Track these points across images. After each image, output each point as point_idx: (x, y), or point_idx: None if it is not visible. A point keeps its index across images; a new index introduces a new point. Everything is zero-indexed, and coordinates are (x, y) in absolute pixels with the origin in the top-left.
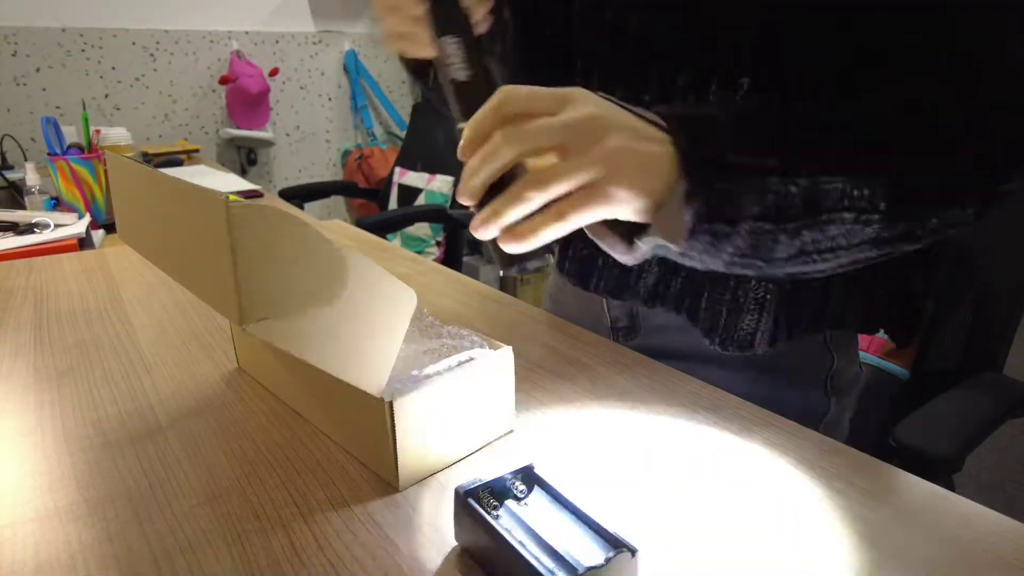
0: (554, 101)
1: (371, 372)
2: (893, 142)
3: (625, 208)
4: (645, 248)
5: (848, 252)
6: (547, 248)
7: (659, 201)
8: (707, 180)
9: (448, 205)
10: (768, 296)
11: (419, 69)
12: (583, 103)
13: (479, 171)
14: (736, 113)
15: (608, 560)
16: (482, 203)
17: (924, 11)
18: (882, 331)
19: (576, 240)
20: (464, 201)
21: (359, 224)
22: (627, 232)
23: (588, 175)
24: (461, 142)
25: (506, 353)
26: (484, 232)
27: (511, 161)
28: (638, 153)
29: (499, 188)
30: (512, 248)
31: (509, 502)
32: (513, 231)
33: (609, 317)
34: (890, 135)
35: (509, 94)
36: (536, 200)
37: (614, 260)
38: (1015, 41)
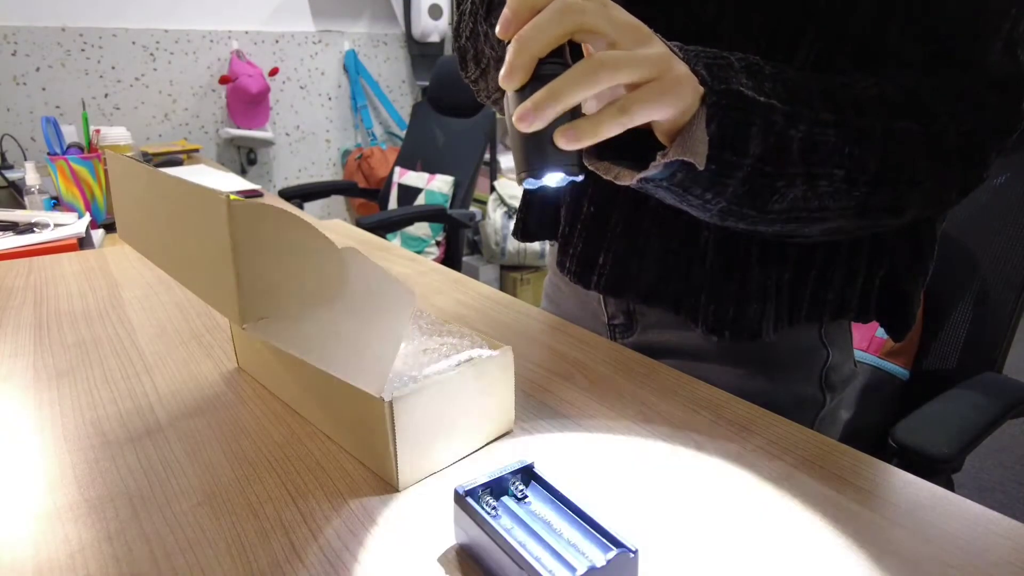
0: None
1: (371, 372)
2: (885, 113)
3: (678, 108)
4: (656, 172)
5: (834, 216)
6: (573, 159)
7: (683, 120)
8: (722, 109)
9: (447, 205)
10: (769, 283)
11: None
12: (625, 12)
13: (532, 40)
14: (746, 60)
15: (608, 560)
16: (523, 90)
17: (905, 9)
18: (879, 328)
19: (576, 239)
20: (509, 81)
21: (359, 224)
22: (633, 161)
23: (652, 69)
24: (504, 14)
25: (506, 353)
26: (536, 120)
27: (568, 33)
28: (680, 63)
29: (536, 84)
30: (566, 144)
31: (509, 502)
32: (571, 127)
33: (606, 314)
34: (883, 107)
35: None
36: (604, 81)
37: (614, 258)
38: (992, 41)
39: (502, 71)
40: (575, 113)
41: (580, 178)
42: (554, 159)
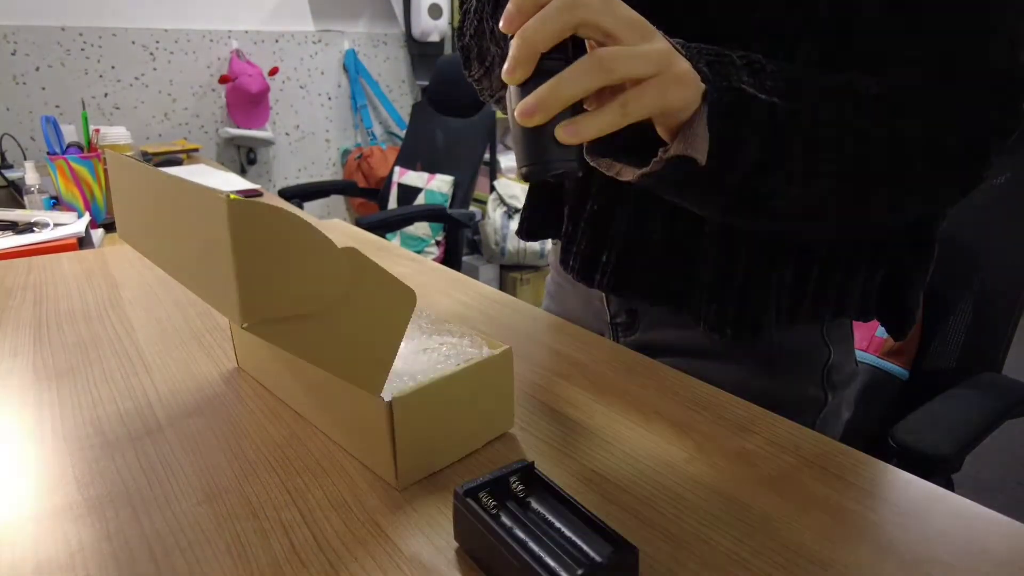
0: None
1: (371, 372)
2: (886, 112)
3: (680, 104)
4: (657, 169)
5: (834, 214)
6: (574, 154)
7: (685, 117)
8: (723, 106)
9: (447, 205)
10: (771, 281)
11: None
12: (629, 8)
13: (536, 34)
14: (748, 57)
15: (608, 560)
16: (525, 85)
17: (907, 9)
18: (880, 328)
19: (579, 237)
20: (512, 76)
21: (359, 223)
22: (635, 157)
23: (653, 65)
24: (508, 10)
25: (506, 353)
26: (537, 114)
27: (572, 28)
28: (682, 60)
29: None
30: (567, 139)
31: (509, 502)
32: (572, 122)
33: (609, 312)
34: (884, 106)
35: None
36: (605, 77)
37: (617, 257)
38: (993, 41)
39: (505, 66)
40: (577, 108)
41: (580, 173)
42: (555, 154)
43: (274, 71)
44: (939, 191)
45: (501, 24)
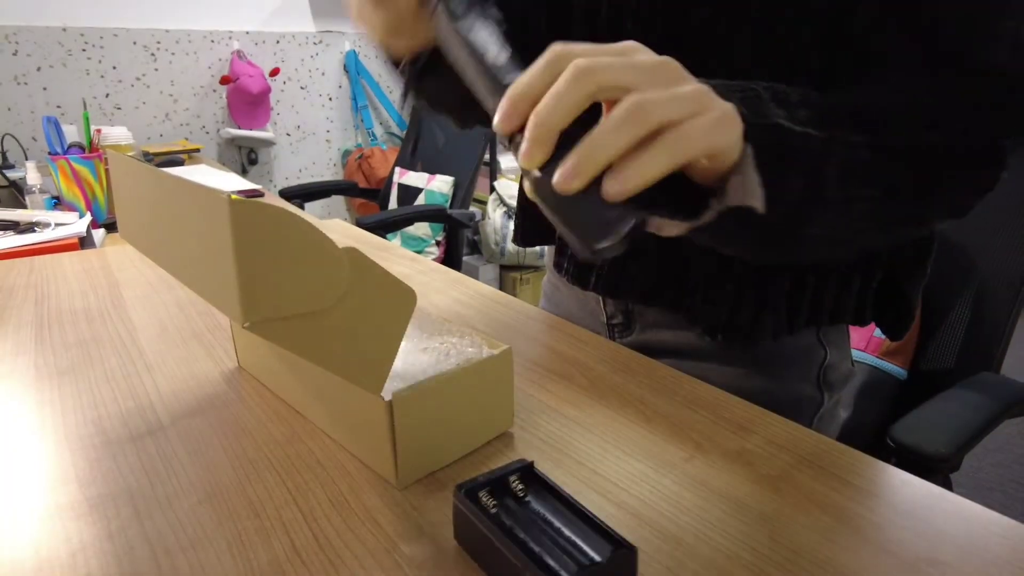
0: (615, 51)
1: (371, 371)
2: (910, 126)
3: (726, 143)
4: (710, 217)
5: (864, 236)
6: (630, 208)
7: (731, 158)
8: (768, 147)
9: (447, 205)
10: (767, 289)
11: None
12: (648, 51)
13: (552, 115)
14: (772, 89)
15: (608, 559)
16: (551, 159)
17: (905, 11)
18: (877, 328)
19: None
20: (531, 159)
21: (359, 224)
22: (682, 208)
23: (693, 105)
24: (504, 108)
25: (506, 352)
26: (578, 178)
27: (590, 96)
28: (719, 99)
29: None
30: (617, 193)
31: (508, 500)
32: (617, 177)
33: (604, 314)
34: (907, 121)
35: (563, 49)
36: (647, 123)
37: (612, 259)
38: (1001, 41)
39: (522, 150)
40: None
41: (645, 225)
42: (612, 216)
43: (275, 72)
44: (961, 198)
45: (498, 126)
